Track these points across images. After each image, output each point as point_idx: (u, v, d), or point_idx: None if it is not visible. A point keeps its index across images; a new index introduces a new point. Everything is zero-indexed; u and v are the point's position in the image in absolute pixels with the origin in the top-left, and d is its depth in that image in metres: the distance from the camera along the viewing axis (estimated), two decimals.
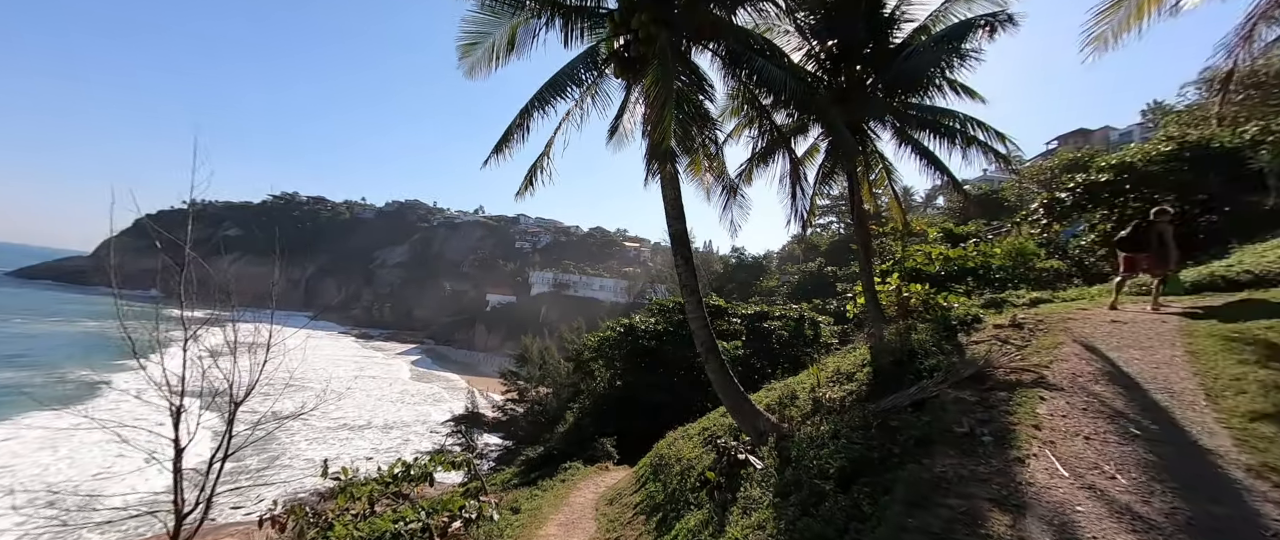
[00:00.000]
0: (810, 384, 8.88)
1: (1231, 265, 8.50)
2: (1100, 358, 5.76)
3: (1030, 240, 15.46)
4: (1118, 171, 13.11)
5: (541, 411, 22.88)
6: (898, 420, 5.62)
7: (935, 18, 9.14)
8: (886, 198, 13.53)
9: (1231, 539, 2.60)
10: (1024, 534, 2.90)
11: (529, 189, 8.44)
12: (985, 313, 9.20)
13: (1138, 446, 3.73)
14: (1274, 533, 2.59)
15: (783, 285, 39.10)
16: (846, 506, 3.74)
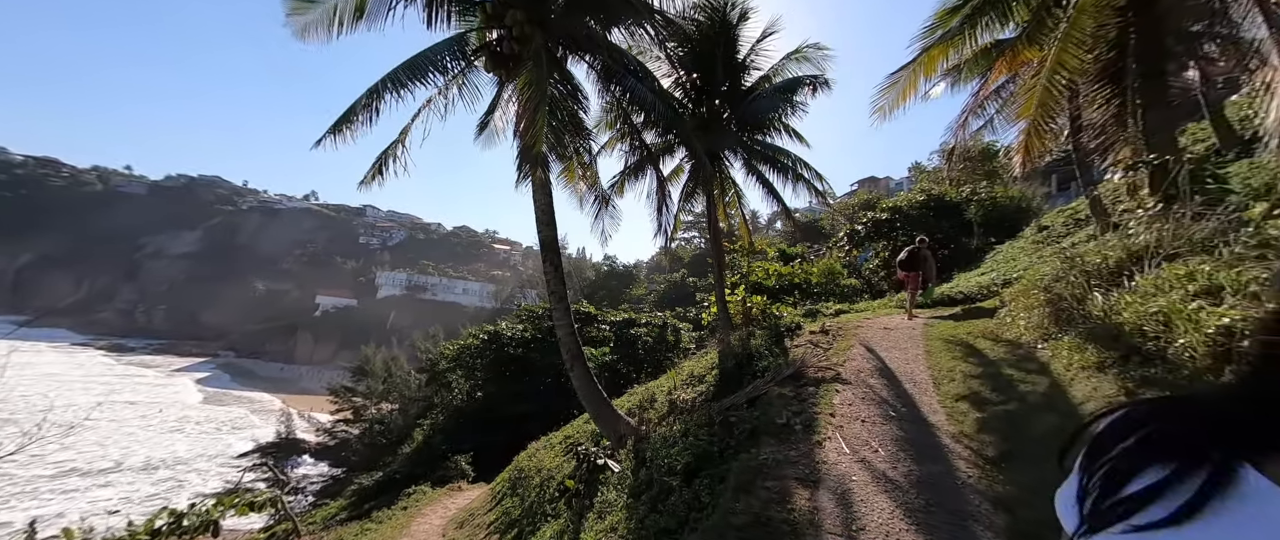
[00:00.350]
0: (668, 387, 9.55)
1: (954, 287, 11.78)
2: (875, 356, 7.40)
3: (837, 262, 19.16)
4: (892, 212, 17.12)
5: (383, 431, 20.07)
6: (736, 416, 6.39)
7: (775, 71, 10.77)
8: (738, 218, 15.38)
9: (938, 488, 3.58)
10: (817, 504, 3.56)
11: (377, 178, 7.45)
12: (804, 321, 11.07)
13: (892, 425, 4.89)
14: (961, 481, 3.66)
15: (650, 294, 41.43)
16: (689, 499, 4.10)
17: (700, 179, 11.71)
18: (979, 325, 7.80)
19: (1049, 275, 6.02)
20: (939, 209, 16.08)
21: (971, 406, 4.93)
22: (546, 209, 7.61)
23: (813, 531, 3.19)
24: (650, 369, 17.81)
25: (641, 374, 17.29)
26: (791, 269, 16.24)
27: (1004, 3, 6.16)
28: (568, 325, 7.66)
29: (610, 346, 18.98)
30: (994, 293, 9.81)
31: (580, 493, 5.79)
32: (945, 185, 15.97)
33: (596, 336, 20.27)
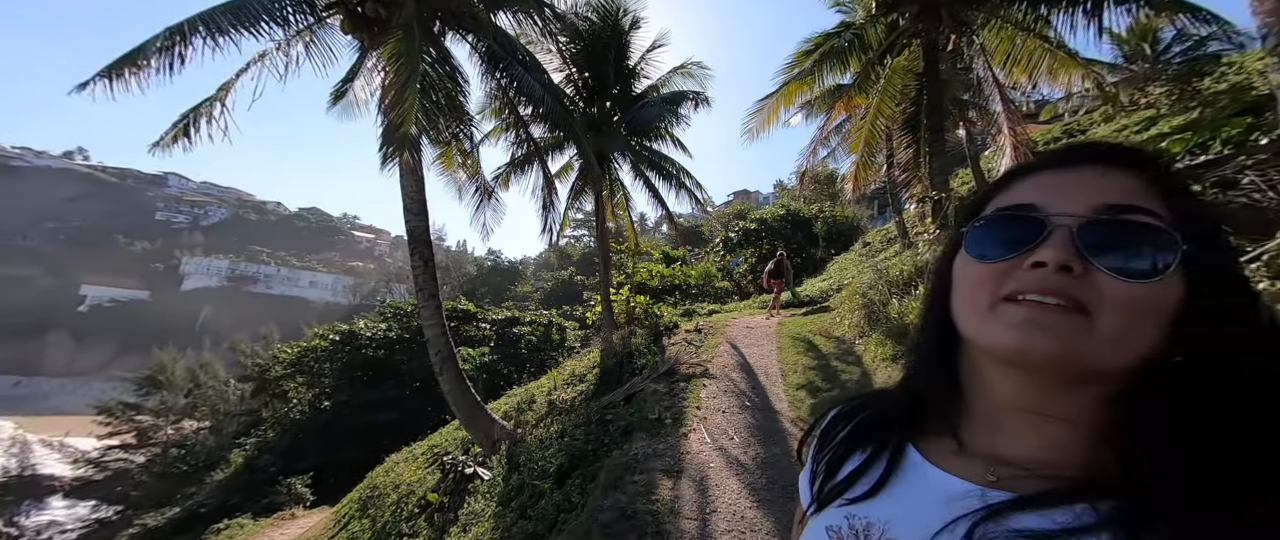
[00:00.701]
0: (548, 387, 9.37)
1: (803, 291, 13.70)
2: (738, 353, 8.24)
3: (714, 265, 20.89)
4: (759, 223, 19.26)
5: (184, 456, 16.09)
6: (612, 414, 6.54)
7: (663, 82, 11.32)
8: (626, 220, 15.76)
9: (778, 467, 4.14)
10: (679, 493, 3.82)
11: (182, 141, 5.95)
12: (682, 320, 11.82)
13: (747, 414, 5.49)
14: (794, 460, 4.27)
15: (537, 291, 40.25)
16: (559, 501, 4.08)
17: (589, 178, 11.74)
18: (819, 324, 9.18)
19: (865, 283, 7.36)
20: (794, 223, 18.55)
21: (807, 394, 5.78)
22: (417, 197, 6.90)
23: (672, 519, 3.42)
24: (533, 369, 17.29)
25: (524, 374, 16.69)
26: (673, 271, 17.25)
27: (842, 54, 7.40)
28: (439, 324, 7.05)
29: (490, 346, 17.99)
30: (831, 296, 11.66)
31: (444, 506, 5.37)
32: (800, 203, 18.47)
33: (475, 336, 19.02)
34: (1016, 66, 6.64)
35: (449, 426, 9.56)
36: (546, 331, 19.55)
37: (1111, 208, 0.41)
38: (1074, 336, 0.39)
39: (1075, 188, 0.43)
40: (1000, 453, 0.46)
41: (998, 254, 0.44)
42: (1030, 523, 0.39)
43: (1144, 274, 0.39)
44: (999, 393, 0.46)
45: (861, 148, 7.75)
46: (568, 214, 14.34)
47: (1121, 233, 0.40)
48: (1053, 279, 0.40)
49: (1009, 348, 0.41)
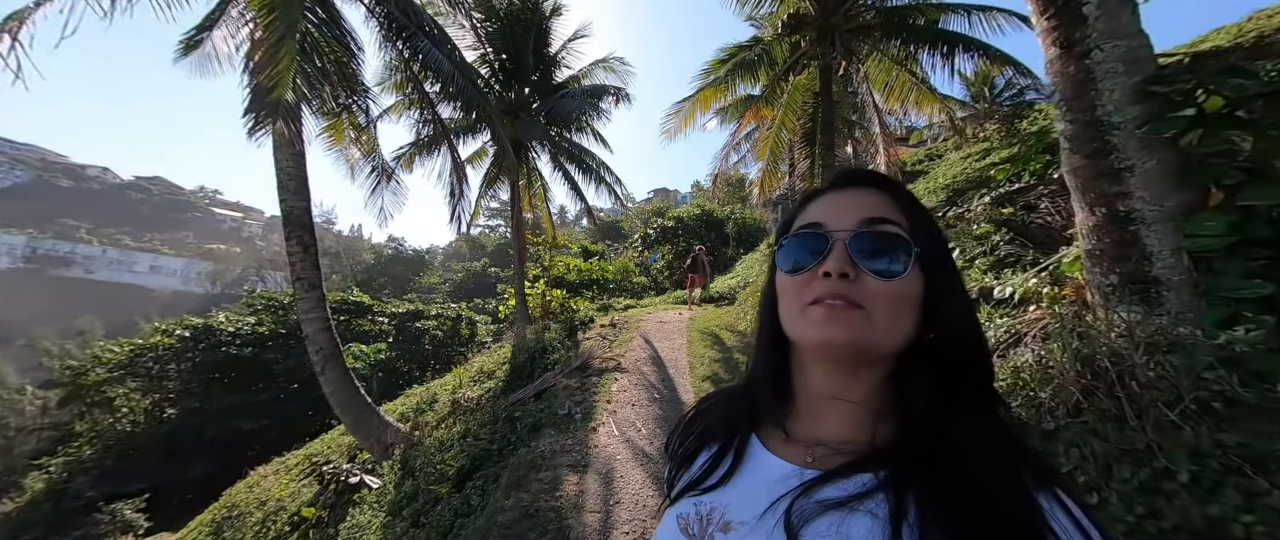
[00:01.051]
0: (453, 385, 8.82)
1: (715, 288, 14.48)
2: (651, 347, 8.48)
3: (632, 261, 21.21)
4: (677, 222, 19.93)
5: None
6: (521, 411, 6.36)
7: (584, 73, 11.17)
8: (544, 212, 15.33)
9: None
10: (584, 488, 3.84)
11: None
12: (598, 315, 11.85)
13: (655, 407, 5.68)
14: None
15: (445, 283, 37.59)
16: (458, 505, 3.87)
17: (504, 166, 11.22)
18: (726, 318, 9.78)
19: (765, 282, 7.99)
20: (708, 223, 19.50)
21: (711, 385, 6.14)
22: (295, 174, 6.04)
23: (576, 513, 3.43)
24: (438, 366, 16.20)
25: (428, 372, 15.56)
26: (591, 265, 17.18)
27: (753, 67, 7.93)
28: (321, 319, 6.26)
29: (389, 342, 16.46)
30: (739, 292, 12.48)
31: (322, 521, 4.82)
32: (714, 204, 19.46)
33: (371, 331, 17.28)
34: (892, 95, 7.64)
35: (333, 432, 8.60)
36: (454, 326, 18.39)
37: (869, 220, 0.52)
38: (859, 327, 0.49)
39: (846, 207, 0.55)
40: (817, 436, 0.54)
41: (799, 266, 0.54)
42: (830, 493, 0.47)
43: (895, 273, 0.50)
44: (815, 383, 0.55)
45: (767, 156, 8.38)
46: (481, 202, 13.59)
47: (878, 242, 0.51)
48: (837, 285, 0.50)
49: (817, 340, 0.51)
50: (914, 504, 0.43)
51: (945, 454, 0.46)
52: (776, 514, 0.48)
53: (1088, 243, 2.49)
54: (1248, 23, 5.91)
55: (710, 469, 0.58)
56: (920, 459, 0.46)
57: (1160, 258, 2.22)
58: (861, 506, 0.45)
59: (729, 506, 0.53)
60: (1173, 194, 2.22)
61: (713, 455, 0.60)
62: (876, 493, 0.45)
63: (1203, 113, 2.14)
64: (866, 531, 0.44)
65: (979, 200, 5.54)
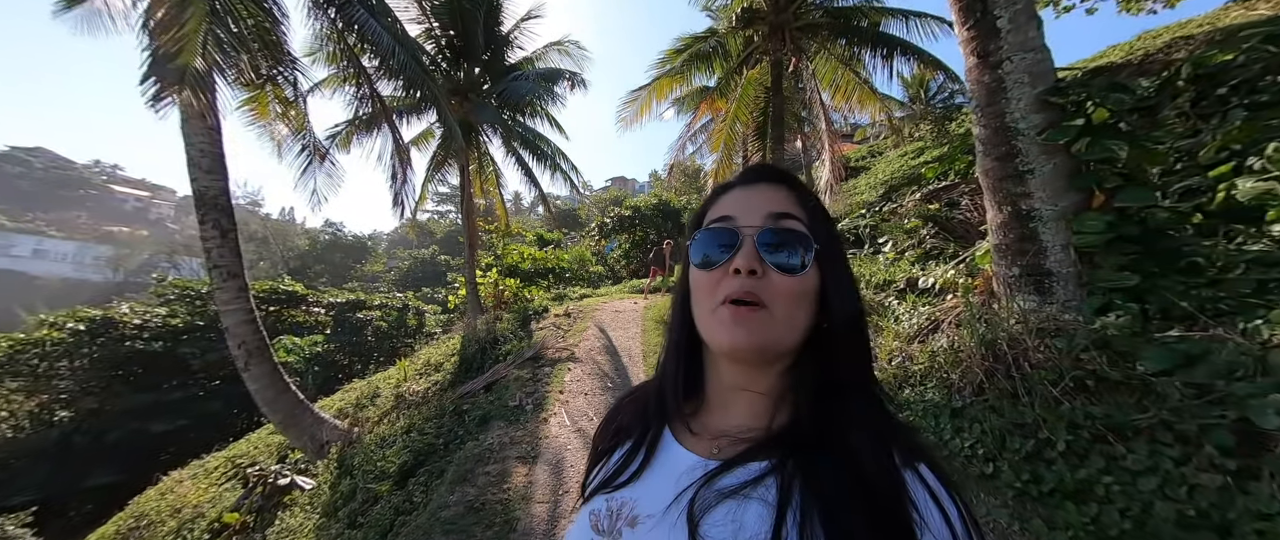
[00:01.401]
0: (397, 378, 8.45)
1: (670, 277, 14.68)
2: (605, 336, 8.50)
3: (588, 250, 21.05)
4: (634, 211, 19.95)
5: None
6: (470, 403, 6.20)
7: (538, 55, 10.82)
8: (497, 198, 14.83)
9: None
10: (533, 479, 3.82)
11: None
12: (552, 304, 11.70)
13: (608, 395, 5.72)
14: None
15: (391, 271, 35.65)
16: (399, 502, 3.73)
17: (452, 149, 10.72)
18: None
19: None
20: (665, 213, 19.67)
21: None
22: (208, 150, 5.46)
23: (524, 505, 3.41)
24: (383, 358, 15.42)
25: (371, 365, 14.77)
26: (546, 254, 16.88)
27: (708, 58, 8.01)
28: (244, 310, 5.75)
29: (326, 334, 15.46)
30: None
31: (247, 526, 4.49)
32: (670, 194, 19.63)
33: (305, 322, 16.14)
34: (838, 93, 7.99)
35: (261, 431, 8.01)
36: (401, 316, 17.52)
37: (774, 215, 0.54)
38: (763, 328, 0.50)
39: (754, 202, 0.56)
40: (724, 427, 0.55)
41: (711, 262, 0.54)
42: (727, 482, 0.48)
43: (796, 269, 0.51)
44: (724, 377, 0.57)
45: (721, 149, 8.53)
46: (428, 187, 12.95)
47: (782, 236, 0.53)
48: (746, 283, 0.51)
49: (725, 345, 0.52)
50: (798, 488, 0.45)
51: (826, 437, 0.48)
52: (681, 505, 0.49)
53: (996, 238, 2.74)
54: (1137, 41, 6.67)
55: (623, 465, 0.58)
56: (805, 444, 0.48)
57: (1053, 252, 2.49)
58: (754, 493, 0.46)
59: (639, 501, 0.54)
60: (1065, 195, 2.49)
61: (626, 451, 0.60)
62: (767, 478, 0.47)
63: (1090, 123, 2.40)
64: (758, 518, 0.45)
65: (910, 196, 5.95)
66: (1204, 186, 2.76)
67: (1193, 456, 1.43)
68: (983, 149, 2.77)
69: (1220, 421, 1.45)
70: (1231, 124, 3.06)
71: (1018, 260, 2.58)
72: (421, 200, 13.06)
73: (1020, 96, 2.58)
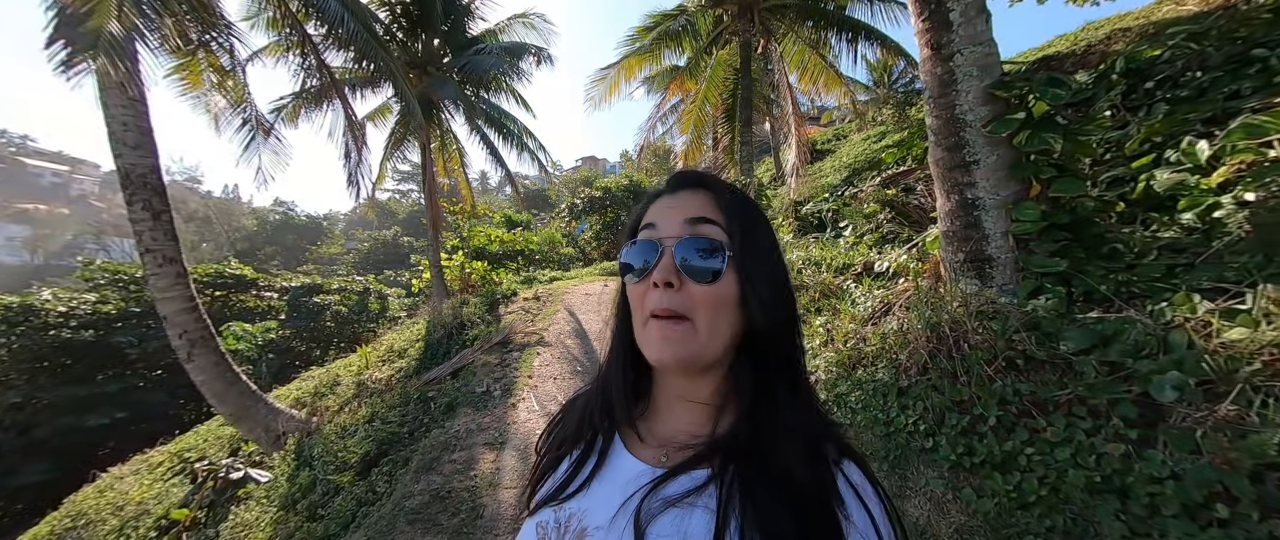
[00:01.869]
0: (359, 366, 8.18)
1: None
2: (575, 319, 8.48)
3: (558, 232, 20.75)
4: (605, 191, 19.73)
5: None
6: (436, 390, 6.10)
7: (502, 28, 10.35)
8: (461, 178, 14.30)
9: None
10: (501, 465, 3.82)
11: None
12: (521, 287, 11.54)
13: (578, 379, 5.74)
14: None
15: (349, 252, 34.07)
16: (361, 493, 3.66)
17: (411, 126, 10.22)
18: None
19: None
20: (636, 194, 19.51)
21: None
22: (132, 124, 4.99)
23: (491, 491, 3.41)
24: (344, 345, 14.87)
25: (331, 352, 14.23)
26: (515, 236, 16.52)
27: (677, 37, 7.88)
28: (184, 298, 5.38)
29: (281, 320, 14.73)
30: None
31: (198, 523, 4.32)
32: (641, 175, 19.50)
33: (256, 307, 15.31)
34: (805, 76, 8.06)
35: (211, 423, 7.64)
36: (362, 300, 16.86)
37: (691, 221, 0.53)
38: (686, 342, 0.50)
39: (674, 210, 0.55)
40: (669, 434, 0.56)
41: (637, 273, 0.55)
42: (672, 490, 0.49)
43: (710, 275, 0.51)
44: (667, 385, 0.58)
45: (691, 129, 8.50)
46: (387, 165, 12.35)
47: (697, 244, 0.52)
48: (665, 296, 0.51)
49: (654, 359, 0.52)
50: (737, 495, 0.46)
51: (760, 442, 0.49)
52: (627, 514, 0.49)
53: (944, 225, 2.88)
54: (1081, 33, 7.01)
55: (572, 475, 0.58)
56: (743, 450, 0.49)
57: (994, 239, 2.64)
58: (698, 501, 0.47)
59: (587, 512, 0.53)
60: (1006, 185, 2.64)
61: (575, 460, 0.59)
62: (708, 487, 0.47)
63: (1031, 116, 2.53)
64: (703, 526, 0.46)
65: (870, 181, 6.14)
66: (1128, 177, 2.98)
67: (1102, 428, 1.59)
68: (934, 139, 2.88)
69: (1126, 396, 1.61)
70: (1155, 117, 3.30)
71: (963, 247, 2.73)
72: (380, 179, 12.45)
73: (969, 89, 2.68)
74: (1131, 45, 5.48)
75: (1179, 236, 2.30)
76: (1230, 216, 2.15)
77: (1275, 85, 2.86)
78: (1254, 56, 3.24)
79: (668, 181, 0.61)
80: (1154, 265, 2.16)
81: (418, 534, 2.98)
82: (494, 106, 11.94)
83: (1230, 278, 1.79)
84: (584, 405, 0.66)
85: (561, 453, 0.62)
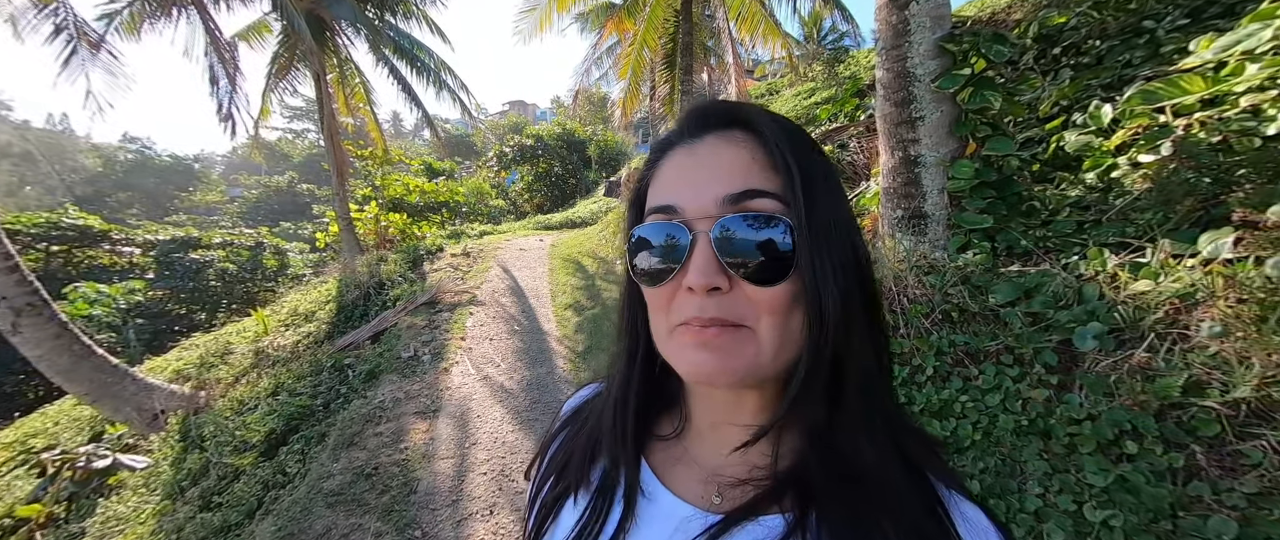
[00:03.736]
0: (257, 331, 7.21)
1: (576, 213, 14.22)
2: (510, 276, 8.04)
3: (487, 182, 19.34)
4: (536, 140, 18.51)
5: None
6: (354, 357, 5.53)
7: None
8: (368, 118, 12.54)
9: (542, 387, 4.33)
10: (435, 434, 3.56)
11: None
12: (449, 243, 10.69)
13: (516, 339, 5.48)
14: (559, 376, 4.54)
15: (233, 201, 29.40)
16: (268, 476, 3.24)
17: (299, 52, 8.59)
18: (588, 245, 9.74)
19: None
20: (570, 143, 18.59)
21: (573, 313, 6.14)
22: None
23: (425, 463, 3.17)
24: (236, 307, 13.07)
25: (221, 315, 12.45)
26: (437, 186, 15.09)
27: None
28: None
29: (149, 279, 12.54)
30: (600, 218, 12.46)
31: (55, 519, 3.64)
32: (575, 123, 18.47)
33: (114, 265, 12.86)
34: (743, 24, 7.81)
35: (62, 402, 6.44)
36: (254, 256, 14.77)
37: (734, 197, 0.36)
38: (739, 355, 0.36)
39: (705, 173, 0.38)
40: (717, 464, 0.43)
41: (656, 277, 0.39)
42: (739, 538, 0.37)
43: (777, 277, 0.36)
44: (701, 405, 0.45)
45: (629, 75, 7.99)
46: (272, 97, 10.45)
47: (751, 228, 0.36)
48: (706, 304, 0.36)
49: (689, 374, 0.39)
50: None
51: (846, 475, 0.37)
52: None
53: (886, 181, 2.94)
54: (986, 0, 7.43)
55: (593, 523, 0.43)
56: (823, 488, 0.37)
57: (930, 196, 2.74)
58: None
59: None
60: (946, 142, 2.71)
61: (591, 506, 0.45)
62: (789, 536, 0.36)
63: (975, 73, 2.57)
64: None
65: None
66: (1040, 138, 3.21)
67: (1027, 375, 1.73)
68: (883, 92, 2.86)
69: (1047, 345, 1.75)
70: (1062, 82, 3.55)
71: (902, 203, 2.81)
72: (263, 114, 10.55)
73: (921, 41, 2.65)
74: (1030, 14, 5.88)
75: (1084, 195, 2.51)
76: (1126, 176, 2.37)
77: (1161, 56, 3.16)
78: (1144, 27, 3.56)
79: (686, 120, 0.42)
80: (1066, 222, 2.35)
81: (340, 517, 2.69)
82: (404, 35, 10.42)
83: (1132, 233, 1.98)
84: (592, 430, 0.50)
85: (564, 490, 0.48)
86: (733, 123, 0.39)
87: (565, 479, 0.48)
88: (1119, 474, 1.37)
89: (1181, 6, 3.53)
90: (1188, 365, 1.41)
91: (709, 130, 0.40)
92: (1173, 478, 1.30)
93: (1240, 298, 1.38)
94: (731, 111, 0.40)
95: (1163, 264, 1.71)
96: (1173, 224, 1.88)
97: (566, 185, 18.49)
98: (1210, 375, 1.37)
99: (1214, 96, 2.13)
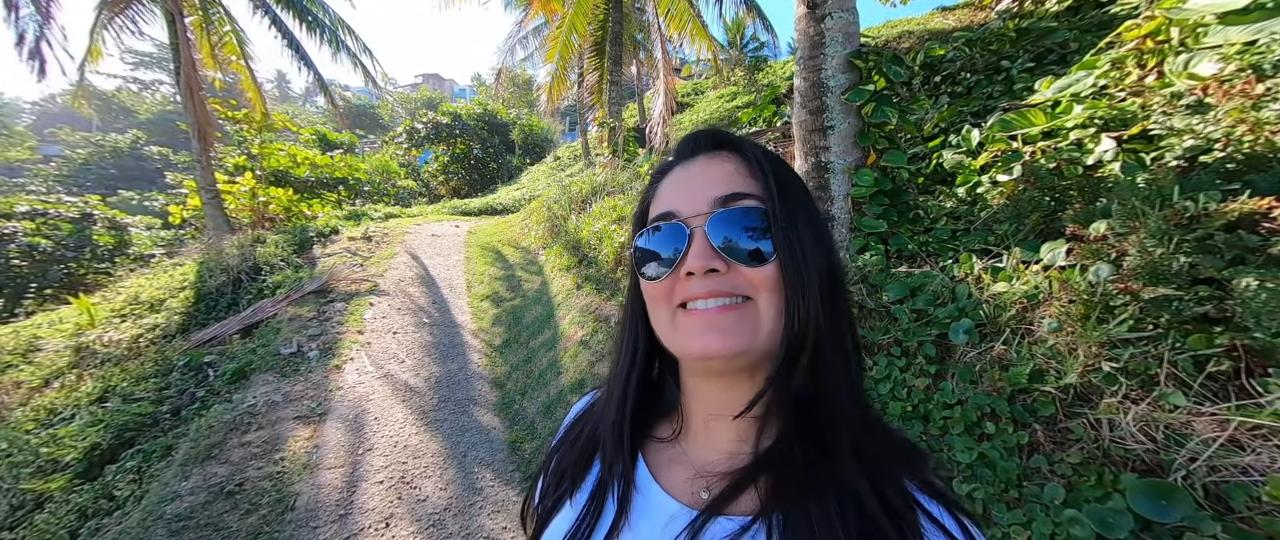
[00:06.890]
0: (78, 323, 5.86)
1: (497, 199, 13.46)
2: (419, 264, 7.37)
3: (394, 159, 17.58)
4: (453, 118, 17.18)
5: None
6: (217, 354, 4.71)
7: None
8: (243, 75, 10.70)
9: (453, 383, 4.01)
10: (321, 441, 3.13)
11: None
12: (346, 225, 9.54)
13: (424, 332, 5.03)
14: (472, 372, 4.25)
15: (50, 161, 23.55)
16: (87, 502, 2.62)
17: None
18: (509, 233, 9.26)
19: (551, 198, 7.77)
20: (492, 125, 17.55)
21: (491, 305, 5.79)
22: None
23: (307, 475, 2.77)
24: (50, 292, 10.51)
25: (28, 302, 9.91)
26: (333, 160, 13.34)
27: None
28: None
29: None
30: (522, 205, 11.92)
31: None
32: (498, 104, 17.47)
33: None
34: (672, 21, 7.89)
35: None
36: (79, 230, 11.98)
37: (723, 198, 0.43)
38: (743, 327, 0.41)
39: (697, 182, 0.46)
40: (709, 459, 0.47)
41: (659, 271, 0.45)
42: (713, 534, 0.41)
43: (766, 256, 0.42)
44: (703, 398, 0.48)
45: (556, 59, 7.69)
46: (104, 34, 8.53)
47: (740, 220, 0.42)
48: (707, 283, 0.42)
49: (696, 353, 0.43)
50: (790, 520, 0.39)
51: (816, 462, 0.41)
52: None
53: None
54: (880, 30, 8.31)
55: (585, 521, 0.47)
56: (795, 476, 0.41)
57: (837, 200, 2.96)
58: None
59: None
60: (852, 151, 2.93)
61: (588, 505, 0.48)
62: (756, 523, 0.40)
63: (877, 90, 2.81)
64: None
65: None
66: (923, 154, 3.63)
67: (912, 365, 1.92)
68: (800, 100, 3.02)
69: (928, 338, 1.97)
70: (942, 106, 4.05)
71: None
72: (93, 55, 8.58)
73: (834, 54, 2.83)
74: (914, 46, 6.68)
75: (957, 206, 2.88)
76: (988, 192, 2.76)
77: (1014, 92, 3.74)
78: (1002, 66, 4.18)
79: (677, 148, 0.51)
80: (944, 229, 2.67)
81: None
82: None
83: (994, 241, 2.30)
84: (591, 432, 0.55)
85: (562, 494, 0.52)
86: (720, 145, 0.48)
87: (565, 480, 0.52)
88: (980, 451, 1.58)
89: (1029, 51, 4.22)
90: (1032, 356, 1.66)
91: (700, 152, 0.48)
92: (1020, 452, 1.53)
93: (1071, 299, 1.65)
94: (719, 137, 0.48)
95: (1015, 269, 2.00)
96: (1023, 235, 2.21)
97: (487, 169, 17.44)
98: (1048, 364, 1.63)
99: (1051, 129, 2.54)
